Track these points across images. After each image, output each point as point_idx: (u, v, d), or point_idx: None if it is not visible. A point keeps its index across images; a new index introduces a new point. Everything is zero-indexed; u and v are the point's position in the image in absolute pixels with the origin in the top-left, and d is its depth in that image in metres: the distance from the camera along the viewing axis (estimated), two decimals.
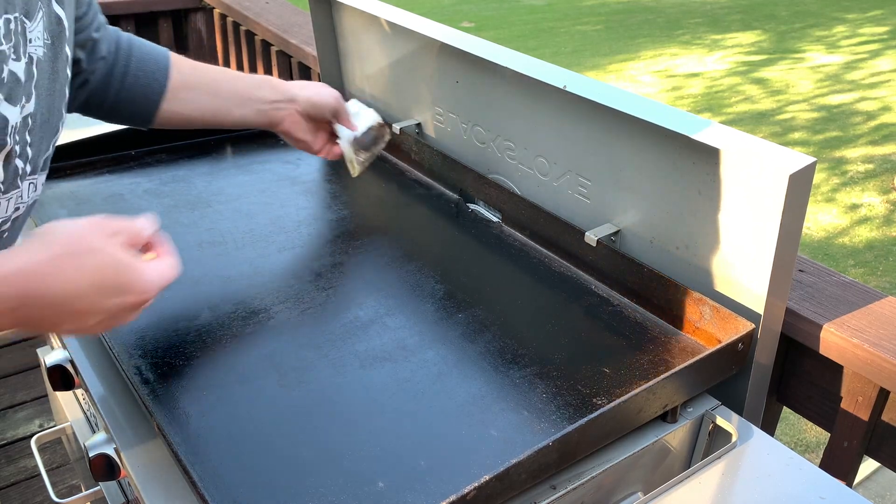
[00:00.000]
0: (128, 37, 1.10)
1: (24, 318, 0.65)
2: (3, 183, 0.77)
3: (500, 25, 8.56)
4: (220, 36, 2.64)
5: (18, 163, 0.79)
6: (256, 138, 1.56)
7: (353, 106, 1.24)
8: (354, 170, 1.25)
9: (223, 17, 2.55)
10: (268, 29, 2.20)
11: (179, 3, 2.72)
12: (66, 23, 0.86)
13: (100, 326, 0.70)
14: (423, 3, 9.20)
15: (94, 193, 1.33)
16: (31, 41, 0.78)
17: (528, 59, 1.16)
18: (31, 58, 0.78)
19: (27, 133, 0.79)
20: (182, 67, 1.11)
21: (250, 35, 2.38)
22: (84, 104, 1.08)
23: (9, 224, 0.82)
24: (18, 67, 0.76)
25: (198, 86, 1.12)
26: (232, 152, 1.52)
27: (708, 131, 0.93)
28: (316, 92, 1.18)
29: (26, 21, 0.77)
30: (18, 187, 0.81)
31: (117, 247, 0.69)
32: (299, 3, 2.22)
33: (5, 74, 0.73)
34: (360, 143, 1.23)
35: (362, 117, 1.24)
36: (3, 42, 0.73)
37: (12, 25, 0.75)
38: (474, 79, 1.28)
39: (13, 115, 0.75)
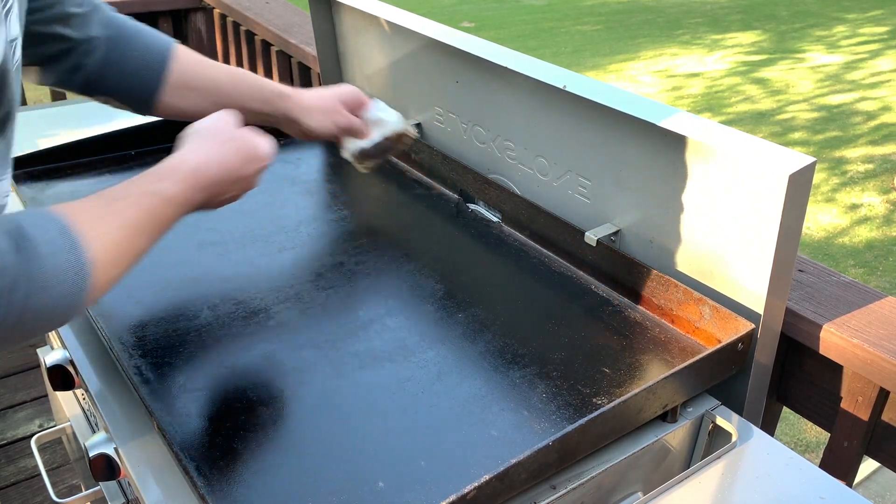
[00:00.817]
0: (134, 26, 1.09)
1: (207, 188, 0.86)
2: None
3: (500, 25, 8.56)
4: (220, 36, 2.64)
5: None
6: None
7: (375, 110, 1.19)
8: (360, 169, 1.22)
9: (223, 17, 2.55)
10: (268, 29, 2.20)
11: (179, 3, 2.72)
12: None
13: (243, 192, 0.93)
14: (423, 3, 9.20)
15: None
16: None
17: (528, 59, 1.16)
18: None
19: None
20: (184, 62, 1.10)
21: (250, 35, 2.38)
22: (83, 85, 1.08)
23: None
24: None
25: (198, 87, 1.11)
26: None
27: (708, 131, 0.93)
28: (322, 115, 1.15)
29: None
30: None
31: (241, 129, 0.92)
32: (299, 3, 2.22)
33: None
34: (365, 154, 1.19)
35: (381, 125, 1.19)
36: None
37: None
38: (474, 79, 1.28)
39: None
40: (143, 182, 0.82)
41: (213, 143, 0.89)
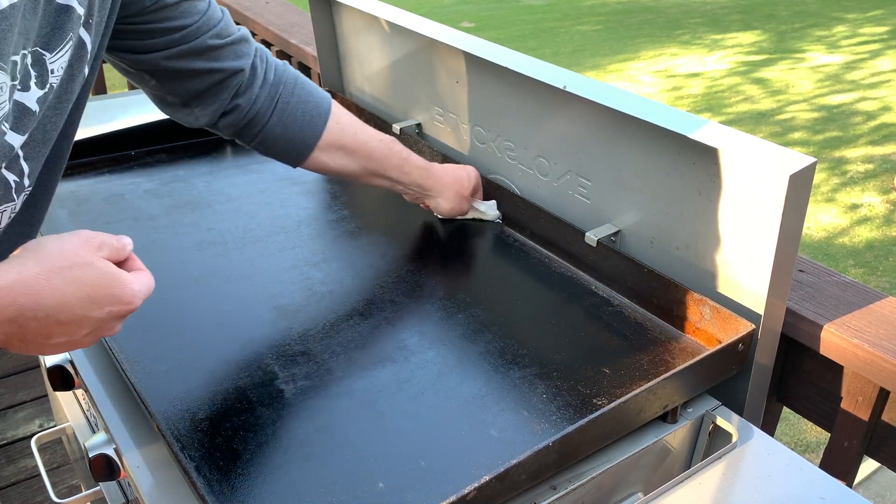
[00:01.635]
0: (294, 74, 1.11)
1: (18, 331, 0.65)
2: None
3: (500, 25, 8.56)
4: None
5: (10, 176, 0.78)
6: None
7: (483, 203, 1.28)
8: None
9: None
10: (268, 29, 2.20)
11: None
12: (88, 45, 0.82)
13: (88, 338, 0.70)
14: (424, 3, 9.20)
15: (94, 193, 1.33)
16: (52, 72, 0.75)
17: (528, 59, 1.16)
18: (51, 87, 0.76)
19: (19, 148, 0.78)
20: (343, 122, 1.13)
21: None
22: (239, 131, 1.08)
23: None
24: (28, 98, 0.73)
25: (351, 150, 1.14)
26: (232, 152, 1.52)
27: (708, 131, 0.93)
28: (456, 192, 1.23)
29: (45, 53, 0.74)
30: (13, 200, 0.80)
31: (104, 260, 0.70)
32: (299, 3, 2.22)
33: (10, 106, 0.71)
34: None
35: (479, 213, 1.28)
36: (11, 76, 0.71)
37: (24, 59, 0.72)
38: (474, 79, 1.28)
39: (17, 142, 0.74)
40: None
41: (49, 264, 0.65)
